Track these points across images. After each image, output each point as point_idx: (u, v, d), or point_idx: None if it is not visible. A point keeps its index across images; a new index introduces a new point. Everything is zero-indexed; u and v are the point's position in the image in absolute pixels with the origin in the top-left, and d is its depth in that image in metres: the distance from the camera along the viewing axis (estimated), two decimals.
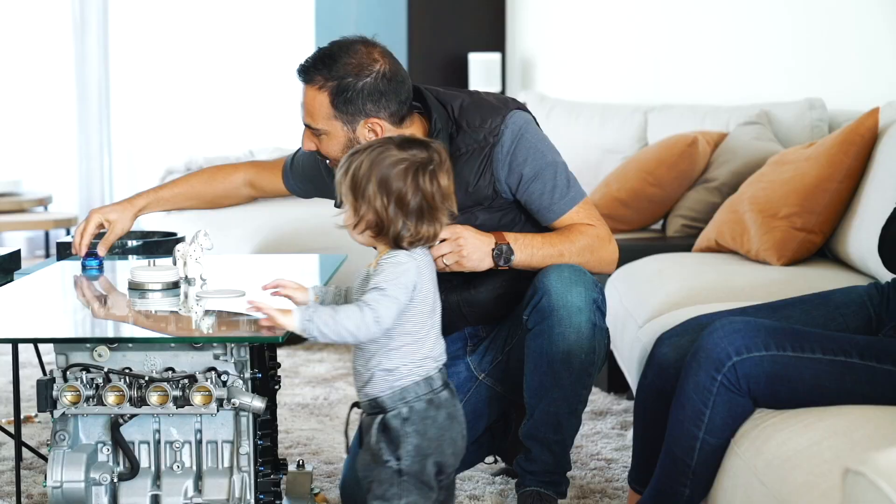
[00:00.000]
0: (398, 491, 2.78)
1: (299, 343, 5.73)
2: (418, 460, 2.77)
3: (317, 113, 3.27)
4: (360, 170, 2.77)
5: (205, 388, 2.95)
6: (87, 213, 7.74)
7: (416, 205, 2.75)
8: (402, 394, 2.77)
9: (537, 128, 3.41)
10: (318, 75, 3.26)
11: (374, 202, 2.75)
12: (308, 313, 2.71)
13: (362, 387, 2.83)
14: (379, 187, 2.74)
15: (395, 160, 2.75)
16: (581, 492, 3.64)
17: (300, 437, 4.22)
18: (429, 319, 2.81)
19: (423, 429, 2.78)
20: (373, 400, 2.80)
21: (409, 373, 2.78)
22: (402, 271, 2.74)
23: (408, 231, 2.75)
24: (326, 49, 3.30)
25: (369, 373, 2.80)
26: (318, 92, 3.26)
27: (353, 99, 3.24)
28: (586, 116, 6.22)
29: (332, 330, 2.70)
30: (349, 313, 2.70)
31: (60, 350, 3.03)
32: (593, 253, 3.32)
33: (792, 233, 4.29)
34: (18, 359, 3.66)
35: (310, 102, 3.28)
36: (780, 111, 5.32)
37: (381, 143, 2.80)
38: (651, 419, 3.06)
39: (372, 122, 3.26)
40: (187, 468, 3.09)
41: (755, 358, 2.67)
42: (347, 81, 3.23)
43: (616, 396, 4.65)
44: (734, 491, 2.60)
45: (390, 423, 2.77)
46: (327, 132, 3.28)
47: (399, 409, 2.77)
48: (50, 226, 7.25)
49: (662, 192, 5.19)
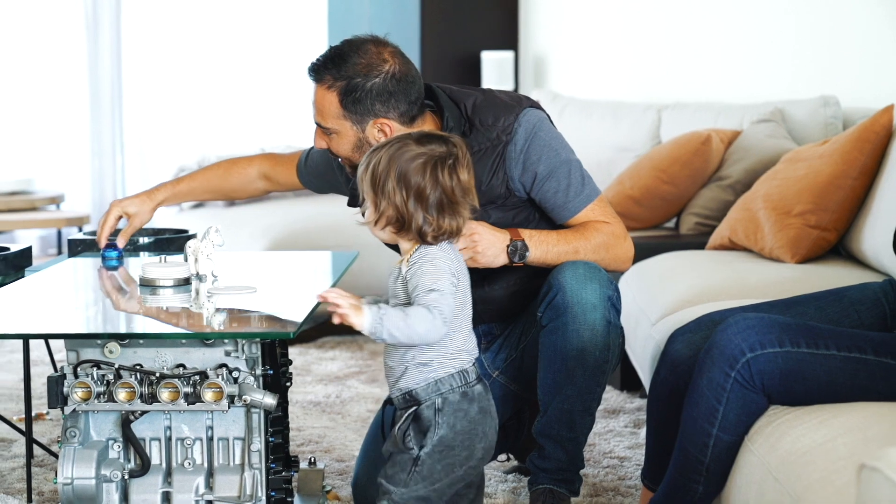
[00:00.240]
0: (406, 478, 2.79)
1: (311, 341, 5.72)
2: (439, 450, 2.76)
3: (326, 112, 3.27)
4: (378, 166, 2.77)
5: (216, 384, 2.94)
6: (99, 212, 7.80)
7: (435, 199, 2.75)
8: (437, 385, 2.79)
9: (551, 125, 3.39)
10: (328, 75, 3.25)
11: (393, 197, 2.75)
12: (378, 315, 2.69)
13: (396, 381, 2.83)
14: (398, 182, 2.74)
15: (414, 155, 2.75)
16: (594, 490, 3.62)
17: (312, 435, 4.21)
18: (462, 311, 2.82)
19: (453, 421, 2.78)
20: (407, 393, 2.81)
21: (443, 365, 2.79)
22: (440, 265, 2.75)
23: (429, 225, 2.75)
24: (337, 48, 3.29)
25: (404, 366, 2.80)
26: (328, 91, 3.26)
27: (361, 99, 3.23)
28: (599, 114, 6.20)
29: (404, 333, 2.70)
30: (421, 317, 2.70)
31: (71, 346, 3.03)
32: (608, 250, 3.31)
33: (806, 230, 4.28)
34: (30, 355, 3.66)
35: (320, 101, 3.28)
36: (793, 109, 5.30)
37: (399, 139, 2.81)
38: (664, 416, 3.04)
39: (381, 122, 3.25)
40: (198, 465, 3.08)
41: (769, 354, 2.65)
42: (356, 82, 3.23)
43: (629, 395, 4.63)
44: (748, 488, 2.58)
45: (423, 414, 2.79)
46: (337, 131, 3.28)
47: (433, 399, 2.78)
48: (62, 224, 7.25)
49: (676, 189, 5.18)
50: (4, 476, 3.80)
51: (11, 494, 3.62)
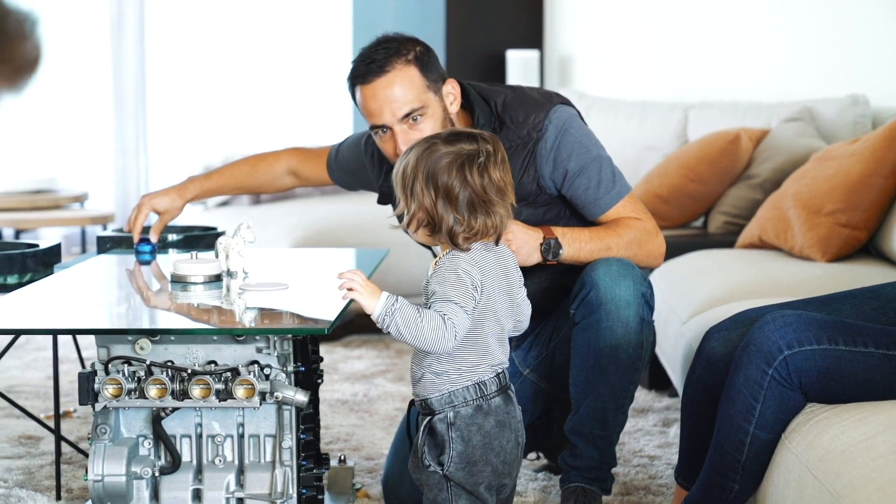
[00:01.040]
0: (448, 496, 2.73)
1: (337, 340, 5.72)
2: (462, 467, 2.70)
3: (415, 89, 3.18)
4: (408, 167, 2.72)
5: (248, 381, 2.93)
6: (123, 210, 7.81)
7: (465, 198, 2.67)
8: (450, 398, 2.71)
9: (581, 122, 3.37)
10: (395, 56, 3.19)
11: (422, 198, 2.68)
12: (392, 306, 2.63)
13: (414, 385, 2.77)
14: (426, 183, 2.68)
15: (441, 154, 2.69)
16: (625, 488, 3.60)
17: (340, 433, 4.20)
18: (490, 323, 2.72)
19: (467, 435, 2.70)
20: (423, 400, 2.75)
21: (458, 378, 2.71)
22: (464, 276, 2.66)
23: (460, 226, 2.67)
24: (374, 45, 3.23)
25: (421, 372, 2.74)
26: (406, 68, 3.18)
27: (433, 63, 3.22)
28: (625, 114, 6.18)
29: (411, 333, 2.63)
30: (434, 323, 2.62)
31: (102, 343, 3.02)
32: (641, 246, 3.29)
33: (836, 229, 4.25)
34: (58, 351, 3.66)
35: (403, 82, 3.18)
36: (822, 107, 5.28)
37: (428, 140, 2.74)
38: (699, 414, 3.02)
39: (450, 82, 3.24)
40: (229, 462, 3.08)
41: (807, 352, 2.62)
42: (419, 49, 3.21)
43: (657, 394, 4.61)
44: (786, 486, 2.56)
45: (436, 427, 2.72)
46: (426, 108, 3.19)
47: (446, 412, 2.71)
48: (86, 222, 7.24)
49: (704, 188, 5.15)
50: (33, 473, 3.79)
51: (40, 492, 3.62)
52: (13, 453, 3.99)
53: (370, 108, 3.20)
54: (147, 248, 3.65)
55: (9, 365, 5.24)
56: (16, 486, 3.65)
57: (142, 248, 3.65)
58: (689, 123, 5.86)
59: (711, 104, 5.87)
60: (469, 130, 2.78)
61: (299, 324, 2.89)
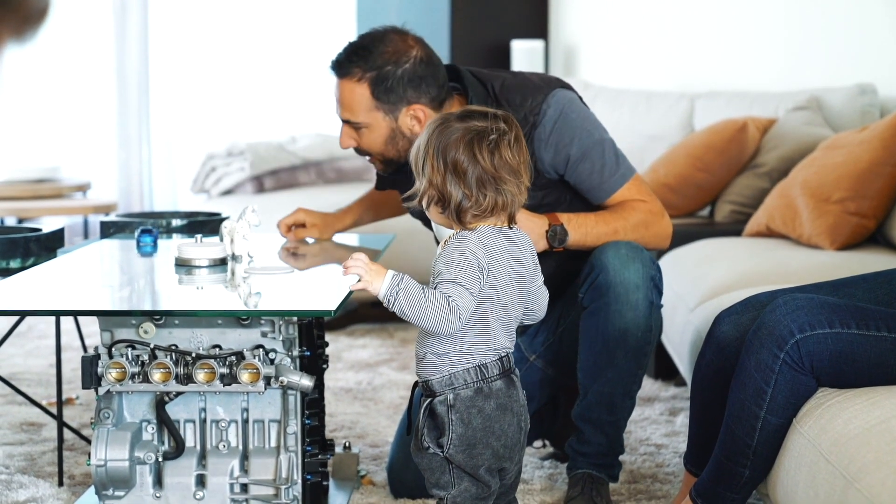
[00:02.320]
0: (450, 478, 2.69)
1: (341, 328, 5.69)
2: (462, 449, 2.64)
3: (356, 106, 3.21)
4: (421, 144, 2.68)
5: (252, 365, 2.91)
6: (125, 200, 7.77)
7: (474, 174, 2.59)
8: (450, 380, 2.64)
9: (582, 106, 3.34)
10: (355, 67, 3.20)
11: (432, 174, 2.63)
12: (397, 286, 2.57)
13: (417, 366, 2.73)
14: (436, 158, 2.62)
15: (452, 130, 2.64)
16: (632, 476, 3.57)
17: (344, 421, 4.17)
18: (495, 308, 2.65)
19: (467, 418, 2.64)
20: (425, 382, 2.69)
21: (459, 359, 2.64)
22: (470, 258, 2.60)
23: (468, 201, 2.60)
24: (358, 42, 3.24)
25: (423, 353, 2.68)
26: (357, 84, 3.20)
27: (393, 87, 3.18)
28: (631, 104, 6.15)
29: (415, 313, 2.57)
30: (438, 304, 2.56)
31: (105, 326, 2.99)
32: (648, 228, 3.26)
33: (845, 217, 4.23)
34: (60, 333, 3.63)
35: (348, 96, 3.22)
36: (830, 97, 5.25)
37: (442, 118, 2.69)
38: (709, 399, 2.98)
39: (414, 108, 3.20)
40: (233, 447, 3.06)
41: (819, 335, 2.59)
42: (387, 70, 3.18)
43: (663, 383, 4.58)
44: (797, 470, 2.53)
45: (436, 409, 2.66)
46: (368, 125, 3.22)
47: (446, 394, 2.65)
48: (89, 211, 7.21)
49: (711, 177, 5.12)
50: (35, 459, 3.77)
51: (42, 478, 3.59)
52: (15, 440, 3.97)
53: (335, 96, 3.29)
54: (149, 238, 3.49)
55: (10, 352, 5.22)
56: (18, 472, 3.63)
57: (144, 240, 3.49)
58: (696, 113, 5.83)
59: (718, 94, 5.84)
60: (484, 109, 2.71)
61: (305, 306, 2.86)
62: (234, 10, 8.29)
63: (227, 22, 8.29)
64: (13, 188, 7.15)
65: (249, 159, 6.56)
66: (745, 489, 2.78)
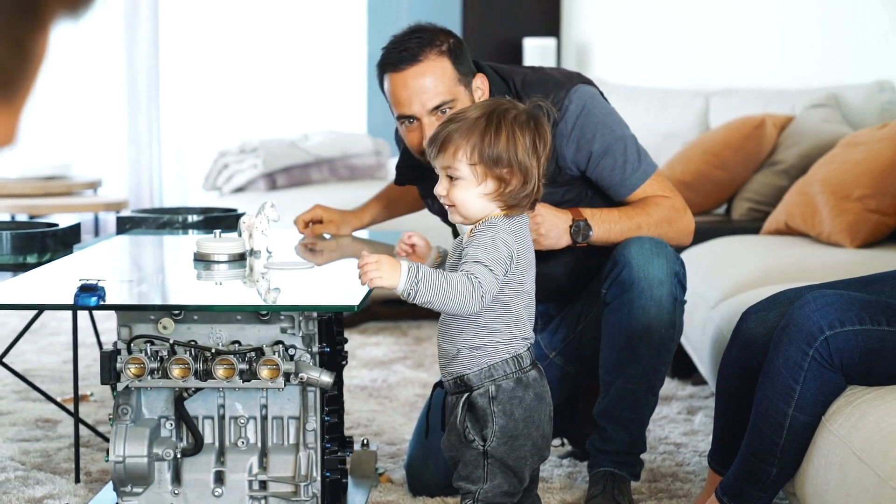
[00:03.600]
0: (482, 473, 2.66)
1: (354, 326, 5.67)
2: (504, 441, 2.63)
3: (447, 81, 3.08)
4: (442, 128, 2.65)
5: (272, 361, 2.88)
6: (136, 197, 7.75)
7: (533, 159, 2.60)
8: (489, 371, 2.63)
9: (604, 102, 3.31)
10: (429, 47, 3.10)
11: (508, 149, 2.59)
12: (415, 277, 2.53)
13: (447, 364, 2.69)
14: (461, 138, 2.60)
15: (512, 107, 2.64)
16: (652, 475, 3.54)
17: (360, 419, 4.15)
18: (522, 295, 2.66)
19: (509, 409, 2.63)
20: (458, 378, 2.66)
21: (496, 351, 2.63)
22: (500, 244, 2.58)
23: (527, 188, 2.59)
24: (407, 32, 3.14)
25: (455, 349, 2.65)
26: (438, 59, 3.08)
27: (465, 57, 3.13)
28: (646, 101, 6.12)
29: (438, 298, 2.53)
30: (461, 286, 2.53)
31: (124, 322, 2.97)
32: (671, 224, 3.23)
33: (865, 215, 4.20)
34: (77, 328, 3.61)
35: (437, 74, 3.07)
36: (848, 94, 5.22)
37: (495, 99, 2.71)
38: (734, 397, 2.95)
39: (479, 77, 3.16)
40: (252, 444, 3.03)
41: (849, 332, 2.56)
42: (452, 41, 3.13)
43: (680, 382, 4.55)
44: (828, 469, 2.50)
45: (476, 402, 2.64)
46: (455, 101, 3.08)
47: (486, 386, 2.63)
48: (99, 209, 7.19)
49: (728, 174, 5.09)
50: (51, 456, 3.75)
51: (59, 474, 3.57)
52: (31, 436, 3.95)
53: (399, 97, 3.11)
54: (90, 299, 2.72)
55: (25, 349, 5.20)
56: (34, 469, 3.61)
57: (84, 300, 2.72)
58: (711, 111, 5.81)
59: (733, 91, 5.81)
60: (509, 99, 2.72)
61: (328, 301, 2.83)
62: (246, 7, 8.26)
63: (238, 19, 8.26)
64: (24, 185, 7.13)
65: (262, 156, 6.54)
66: (773, 487, 2.74)
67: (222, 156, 6.77)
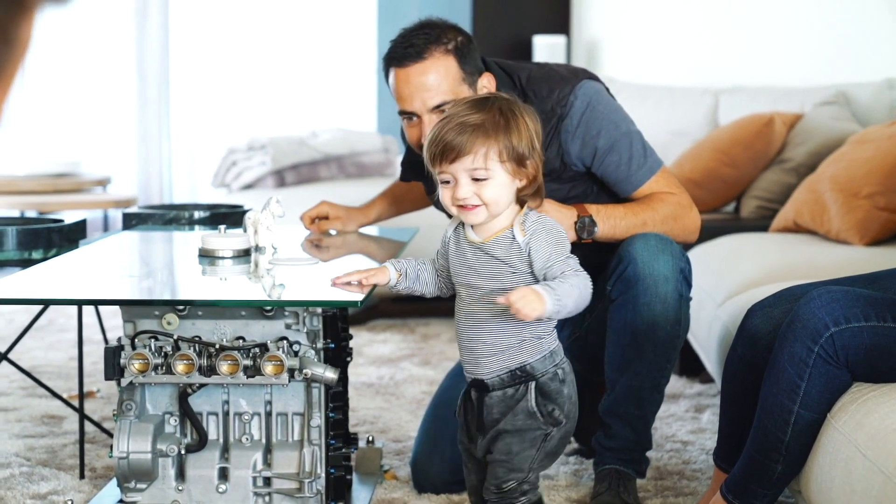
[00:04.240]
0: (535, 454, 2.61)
1: (361, 324, 5.66)
2: (571, 423, 2.65)
3: (450, 80, 3.07)
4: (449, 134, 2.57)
5: (276, 357, 2.87)
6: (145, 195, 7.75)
7: (525, 148, 2.57)
8: (551, 356, 2.62)
9: (609, 97, 3.29)
10: (435, 44, 3.08)
11: (490, 154, 2.55)
12: (555, 295, 2.46)
13: (504, 359, 2.60)
14: (486, 138, 2.55)
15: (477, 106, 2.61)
16: (658, 473, 3.53)
17: (367, 416, 4.14)
18: None
19: (572, 391, 2.65)
20: (519, 368, 2.60)
21: (552, 337, 2.63)
22: (558, 230, 2.59)
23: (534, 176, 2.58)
24: (415, 28, 3.13)
25: (519, 339, 2.59)
26: (443, 57, 3.07)
27: (471, 56, 3.11)
28: (655, 99, 6.10)
29: (578, 303, 2.51)
30: (582, 284, 2.51)
31: (128, 317, 2.96)
32: (677, 220, 3.22)
33: (875, 212, 4.18)
34: (82, 322, 3.61)
35: (440, 72, 3.07)
36: (857, 92, 5.20)
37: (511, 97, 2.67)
38: (740, 393, 2.94)
39: (485, 76, 3.15)
40: (256, 440, 3.02)
41: (854, 329, 2.54)
42: (460, 39, 3.11)
43: (688, 380, 4.54)
44: (832, 466, 2.49)
45: (548, 386, 2.62)
46: None
47: (555, 370, 2.62)
48: (109, 206, 7.19)
49: (737, 172, 5.08)
50: (56, 452, 3.74)
51: (64, 470, 3.57)
52: (36, 432, 3.95)
53: (402, 92, 3.11)
54: None
55: (31, 346, 5.20)
56: (39, 465, 3.61)
57: None
58: (720, 109, 5.79)
59: (743, 89, 5.80)
60: None
61: (331, 297, 2.82)
62: (256, 5, 8.26)
63: (247, 16, 8.26)
64: (34, 183, 7.13)
65: (271, 153, 6.54)
66: (778, 485, 2.73)
67: (231, 153, 6.77)
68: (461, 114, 2.58)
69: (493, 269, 2.60)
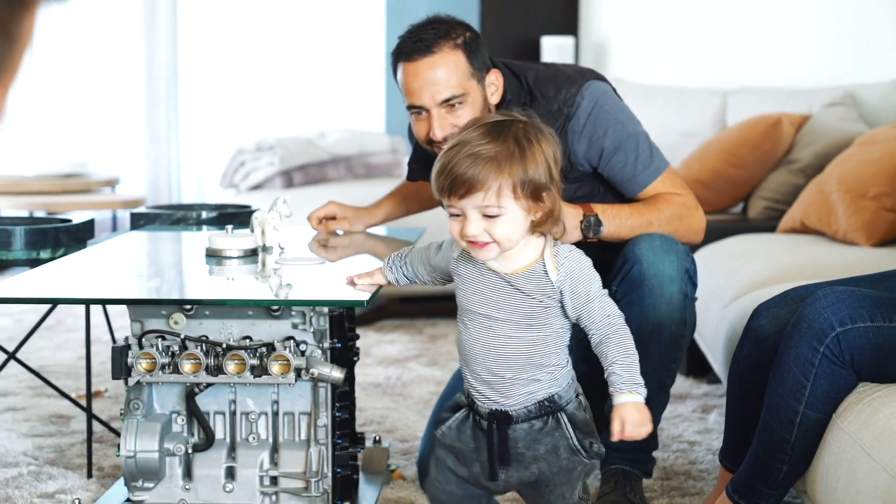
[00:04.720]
0: (576, 481, 2.58)
1: (370, 324, 5.67)
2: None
3: (459, 74, 3.08)
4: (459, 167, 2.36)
5: (283, 356, 2.88)
6: (154, 195, 7.76)
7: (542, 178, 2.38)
8: (572, 384, 2.53)
9: (616, 98, 3.29)
10: (444, 39, 3.09)
11: (503, 191, 2.36)
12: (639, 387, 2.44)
13: (533, 390, 2.49)
14: (498, 173, 2.35)
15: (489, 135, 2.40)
16: (665, 473, 3.53)
17: (374, 416, 4.14)
18: None
19: (590, 415, 2.56)
20: (547, 399, 2.50)
21: (569, 364, 2.55)
22: (587, 262, 2.48)
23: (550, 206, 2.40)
24: (424, 24, 3.14)
25: (543, 371, 2.49)
26: (452, 52, 3.08)
27: (480, 51, 3.12)
28: (663, 100, 6.11)
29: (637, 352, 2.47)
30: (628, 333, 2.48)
31: (136, 317, 2.97)
32: (682, 221, 3.21)
33: (882, 213, 4.18)
34: (90, 322, 3.61)
35: (450, 66, 3.07)
36: (865, 93, 5.20)
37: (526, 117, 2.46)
38: (746, 393, 2.94)
39: (493, 72, 3.16)
40: (263, 440, 3.03)
41: (860, 329, 2.55)
42: (469, 35, 3.12)
43: (695, 380, 4.54)
44: (838, 466, 2.49)
45: (578, 416, 2.53)
46: (466, 95, 3.08)
47: (578, 399, 2.53)
48: (117, 206, 7.21)
49: (744, 173, 5.08)
50: (64, 451, 3.75)
51: (71, 469, 3.57)
52: (44, 432, 3.96)
53: (410, 86, 3.12)
54: None
55: (39, 345, 5.21)
56: (47, 464, 3.62)
57: None
58: (728, 109, 5.79)
59: (751, 90, 5.80)
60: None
61: (338, 297, 2.82)
62: (264, 5, 8.27)
63: (256, 17, 8.27)
64: (43, 183, 7.14)
65: (279, 154, 6.54)
66: (783, 485, 2.73)
67: (239, 153, 6.78)
68: (474, 142, 2.37)
69: (519, 303, 2.47)
